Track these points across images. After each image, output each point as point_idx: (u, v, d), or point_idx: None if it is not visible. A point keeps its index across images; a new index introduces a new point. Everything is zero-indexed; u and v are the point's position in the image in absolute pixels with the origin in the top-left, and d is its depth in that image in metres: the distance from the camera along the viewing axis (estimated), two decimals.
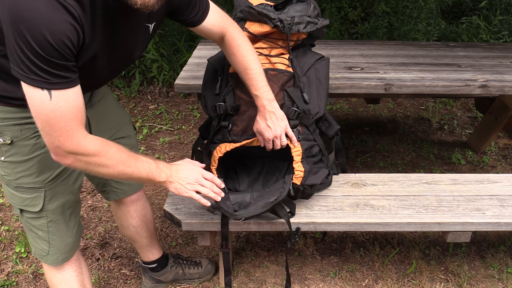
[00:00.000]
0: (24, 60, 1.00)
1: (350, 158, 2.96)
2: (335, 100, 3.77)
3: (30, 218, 1.40)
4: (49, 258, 1.47)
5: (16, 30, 0.97)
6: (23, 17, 0.96)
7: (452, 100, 3.77)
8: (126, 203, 1.73)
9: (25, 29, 0.96)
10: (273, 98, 1.52)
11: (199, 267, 2.01)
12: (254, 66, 1.48)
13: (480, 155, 3.03)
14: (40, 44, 0.98)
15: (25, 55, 0.99)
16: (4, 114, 1.24)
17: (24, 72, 1.02)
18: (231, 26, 1.48)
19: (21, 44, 0.98)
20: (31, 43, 0.97)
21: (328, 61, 1.73)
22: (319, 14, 1.75)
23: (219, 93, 1.63)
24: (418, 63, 2.34)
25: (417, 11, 4.28)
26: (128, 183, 1.67)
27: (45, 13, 0.97)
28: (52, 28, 0.98)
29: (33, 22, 0.96)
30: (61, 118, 1.08)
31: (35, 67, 1.01)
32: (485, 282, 2.04)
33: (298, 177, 1.59)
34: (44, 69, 1.01)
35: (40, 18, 0.96)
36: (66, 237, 1.46)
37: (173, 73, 3.86)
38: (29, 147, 1.29)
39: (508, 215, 1.69)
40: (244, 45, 1.49)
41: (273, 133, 1.52)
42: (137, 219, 1.77)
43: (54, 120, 1.08)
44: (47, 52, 0.99)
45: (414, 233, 2.31)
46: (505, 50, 2.63)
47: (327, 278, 2.06)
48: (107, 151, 1.20)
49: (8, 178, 1.34)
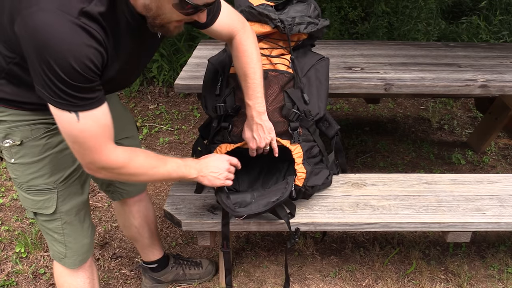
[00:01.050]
0: (49, 84, 1.01)
1: (350, 158, 2.96)
2: (335, 100, 3.77)
3: (45, 221, 1.39)
4: (67, 260, 1.46)
5: (40, 55, 0.98)
6: (48, 44, 0.97)
7: (452, 100, 3.77)
8: (129, 203, 1.73)
9: (50, 56, 0.98)
10: (264, 111, 1.52)
11: (199, 267, 2.01)
12: (254, 76, 1.47)
13: (480, 155, 3.03)
14: (66, 70, 0.99)
15: (50, 80, 1.01)
16: (15, 117, 1.24)
17: (50, 95, 1.04)
18: (242, 30, 1.46)
19: (46, 70, 0.99)
20: (57, 69, 0.99)
21: (328, 62, 1.73)
22: (320, 14, 1.75)
23: (219, 94, 1.63)
24: (418, 63, 2.34)
25: (417, 11, 4.28)
26: (133, 184, 1.67)
27: (69, 40, 0.98)
28: (77, 55, 0.99)
29: (58, 50, 0.97)
30: (90, 138, 1.12)
31: (61, 91, 1.02)
32: (485, 282, 2.04)
33: (300, 178, 1.60)
34: (70, 94, 1.03)
35: (65, 45, 0.97)
36: (82, 238, 1.45)
37: (173, 73, 3.86)
38: (40, 147, 1.28)
39: (508, 215, 1.69)
40: (250, 51, 1.47)
41: (257, 144, 1.55)
42: (139, 219, 1.77)
43: (83, 139, 1.11)
44: (73, 78, 1.01)
45: (414, 233, 2.31)
46: (505, 50, 2.63)
47: (327, 278, 2.06)
48: (136, 160, 1.24)
49: (20, 181, 1.32)
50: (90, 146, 1.13)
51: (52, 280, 2.04)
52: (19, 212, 2.49)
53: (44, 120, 1.26)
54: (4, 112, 1.23)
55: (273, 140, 1.56)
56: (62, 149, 1.31)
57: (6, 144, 1.26)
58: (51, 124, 1.26)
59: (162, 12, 1.07)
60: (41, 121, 1.26)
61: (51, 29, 0.97)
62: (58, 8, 0.97)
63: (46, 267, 2.12)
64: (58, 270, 1.52)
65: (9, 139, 1.26)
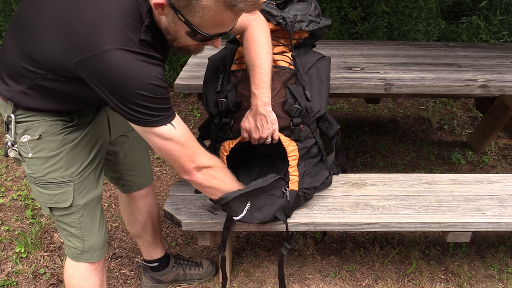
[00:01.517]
0: (143, 110, 1.13)
1: (350, 158, 2.96)
2: (335, 100, 3.77)
3: (61, 216, 1.40)
4: (85, 255, 1.47)
5: (124, 91, 1.09)
6: (130, 77, 1.08)
7: (452, 100, 3.77)
8: (135, 198, 1.75)
9: (135, 86, 1.09)
10: (268, 102, 1.53)
11: (200, 268, 2.02)
12: (263, 66, 1.49)
13: (480, 155, 3.03)
14: (152, 90, 1.11)
15: (143, 106, 1.12)
16: (34, 117, 1.28)
17: (148, 120, 1.16)
18: (254, 21, 1.50)
19: (136, 100, 1.11)
20: (144, 93, 1.10)
21: (329, 61, 1.73)
22: (320, 13, 1.75)
23: (220, 90, 1.63)
24: (418, 63, 2.34)
25: (417, 11, 4.28)
26: (141, 175, 1.72)
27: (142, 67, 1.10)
28: (151, 75, 1.11)
29: (139, 78, 1.09)
30: (189, 139, 1.26)
31: (155, 110, 1.15)
32: (485, 282, 2.04)
33: (293, 182, 1.60)
34: (162, 108, 1.16)
35: (142, 72, 1.09)
36: (98, 233, 1.47)
37: (173, 73, 3.86)
38: (57, 142, 1.31)
39: (508, 215, 1.69)
40: (261, 42, 1.50)
41: (260, 134, 1.56)
42: (144, 215, 1.79)
43: (186, 142, 1.25)
44: (159, 93, 1.13)
45: (414, 233, 2.31)
46: (505, 50, 2.63)
47: (327, 278, 2.06)
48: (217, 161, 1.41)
49: (36, 176, 1.34)
50: (192, 145, 1.27)
51: (52, 280, 2.04)
52: (19, 212, 2.49)
53: (62, 118, 1.30)
54: (24, 115, 1.27)
55: (275, 131, 1.57)
56: (78, 144, 1.35)
57: (24, 139, 1.29)
58: (68, 122, 1.31)
59: (179, 36, 1.16)
60: (59, 118, 1.30)
61: (125, 64, 1.07)
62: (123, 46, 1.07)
63: (46, 267, 2.12)
64: (70, 272, 1.51)
65: (27, 134, 1.29)
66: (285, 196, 1.59)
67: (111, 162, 1.62)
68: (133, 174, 1.68)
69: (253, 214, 1.54)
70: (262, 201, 1.56)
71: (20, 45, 1.18)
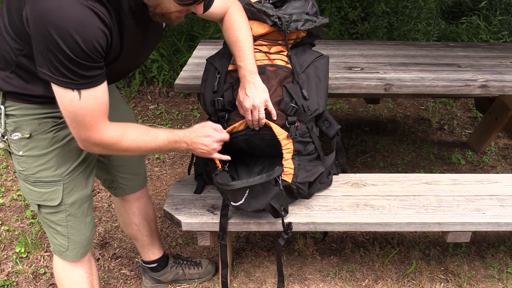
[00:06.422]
0: (55, 63, 1.06)
1: (350, 158, 2.96)
2: (335, 100, 3.78)
3: (49, 214, 1.41)
4: (69, 253, 1.48)
5: (48, 36, 1.03)
6: (56, 24, 1.02)
7: (452, 100, 3.77)
8: (129, 200, 1.74)
9: (58, 35, 1.02)
10: (255, 71, 1.53)
11: (199, 267, 2.02)
12: (244, 40, 1.53)
13: (480, 155, 3.03)
14: (72, 48, 1.04)
15: (56, 59, 1.05)
16: (23, 111, 1.27)
17: (54, 75, 1.09)
18: (233, 5, 1.55)
19: (53, 49, 1.04)
20: (64, 48, 1.04)
21: (327, 59, 1.73)
22: (318, 12, 1.75)
23: (217, 90, 1.64)
24: (418, 63, 2.34)
25: (417, 11, 4.28)
26: (134, 178, 1.71)
27: (77, 20, 1.03)
28: (84, 34, 1.05)
29: (66, 29, 1.02)
30: (87, 115, 1.17)
31: (66, 69, 1.07)
32: (485, 282, 2.04)
33: (287, 174, 1.60)
34: (74, 71, 1.08)
35: (72, 25, 1.03)
36: (85, 231, 1.48)
37: (173, 73, 3.86)
38: (48, 141, 1.31)
39: (508, 215, 1.69)
40: (240, 21, 1.55)
41: (251, 102, 1.51)
42: (139, 217, 1.78)
43: (81, 116, 1.16)
44: (79, 56, 1.06)
45: (414, 233, 2.31)
46: (505, 50, 2.63)
47: (327, 278, 2.06)
48: (128, 137, 1.29)
49: (26, 173, 1.35)
50: (86, 123, 1.18)
51: (52, 280, 2.04)
52: (19, 212, 2.49)
53: (52, 114, 1.29)
54: (13, 106, 1.26)
55: (267, 101, 1.54)
56: (69, 143, 1.35)
57: (15, 137, 1.29)
58: (59, 118, 1.30)
59: (162, 2, 1.13)
60: (48, 115, 1.29)
61: (60, 10, 1.02)
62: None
63: (46, 267, 2.12)
64: (57, 265, 1.53)
65: (18, 132, 1.29)
66: (278, 184, 1.59)
67: (104, 164, 1.61)
68: (126, 177, 1.68)
69: (249, 201, 1.55)
70: (257, 187, 1.57)
71: (3, 24, 1.18)
